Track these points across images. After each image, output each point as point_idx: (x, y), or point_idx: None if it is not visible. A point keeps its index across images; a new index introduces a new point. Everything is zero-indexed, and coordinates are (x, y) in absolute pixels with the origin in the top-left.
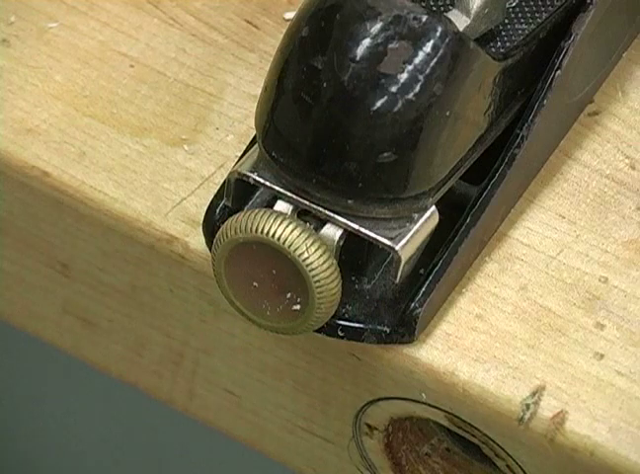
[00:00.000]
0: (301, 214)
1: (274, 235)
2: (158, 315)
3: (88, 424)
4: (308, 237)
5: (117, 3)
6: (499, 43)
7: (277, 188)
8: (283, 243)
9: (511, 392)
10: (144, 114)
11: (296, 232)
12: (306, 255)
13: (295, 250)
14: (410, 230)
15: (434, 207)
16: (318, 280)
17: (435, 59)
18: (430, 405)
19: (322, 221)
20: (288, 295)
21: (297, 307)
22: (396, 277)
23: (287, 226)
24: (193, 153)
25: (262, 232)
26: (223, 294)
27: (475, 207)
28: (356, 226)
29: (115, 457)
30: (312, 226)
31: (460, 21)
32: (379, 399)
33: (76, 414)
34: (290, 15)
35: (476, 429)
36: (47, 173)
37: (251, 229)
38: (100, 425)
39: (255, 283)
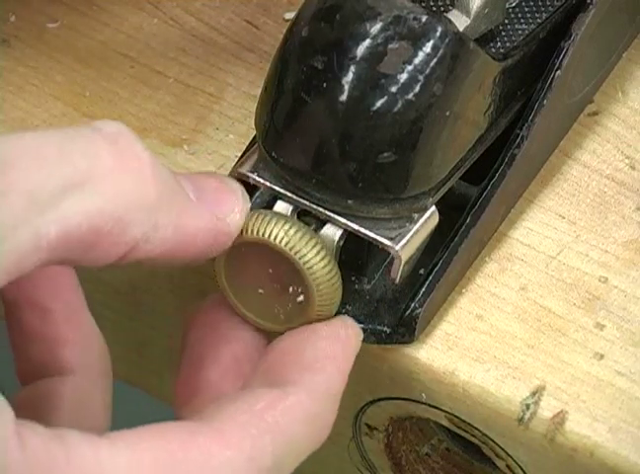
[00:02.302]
0: (301, 214)
1: (274, 237)
2: (158, 315)
3: None
4: (309, 239)
5: (117, 3)
6: (499, 43)
7: (277, 188)
8: (285, 245)
9: (511, 392)
10: (144, 114)
11: (298, 234)
12: (306, 257)
13: (296, 252)
14: (410, 230)
15: (434, 207)
16: (318, 283)
17: (434, 59)
18: (430, 405)
19: (322, 221)
20: (289, 297)
21: (298, 309)
22: (396, 278)
23: (289, 228)
24: (193, 153)
25: (262, 235)
26: (224, 294)
27: (475, 207)
28: (356, 226)
29: None
30: (312, 227)
31: (460, 21)
32: (379, 399)
33: None
34: (290, 15)
35: (476, 429)
36: None
37: (252, 232)
38: None
39: (260, 290)
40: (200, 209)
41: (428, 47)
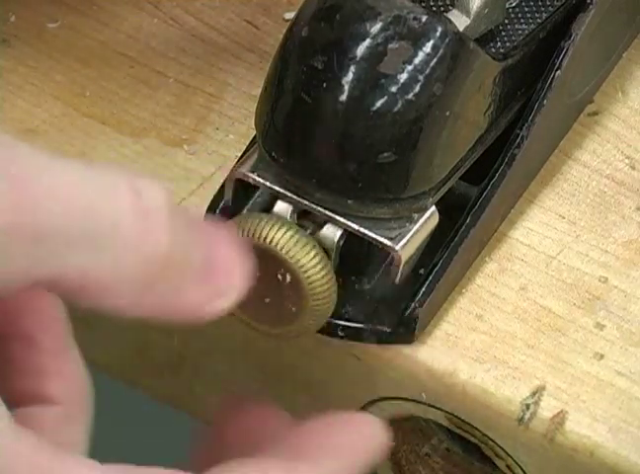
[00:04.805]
0: (301, 215)
1: (269, 241)
2: None
3: None
4: (305, 243)
5: (117, 3)
6: (499, 43)
7: (277, 188)
8: (280, 249)
9: (511, 392)
10: (144, 114)
11: (293, 238)
12: (301, 261)
13: (291, 256)
14: (410, 230)
15: (434, 207)
16: (313, 286)
17: (434, 59)
18: (430, 405)
19: (322, 221)
20: (284, 300)
21: (293, 312)
22: (396, 278)
23: (284, 232)
24: (193, 153)
25: (257, 238)
26: None
27: (475, 207)
28: (355, 226)
29: (114, 457)
30: (309, 230)
31: (460, 21)
32: (379, 399)
33: None
34: (290, 15)
35: (476, 429)
36: None
37: (247, 235)
38: (99, 425)
39: (256, 292)
40: (200, 288)
41: (428, 47)
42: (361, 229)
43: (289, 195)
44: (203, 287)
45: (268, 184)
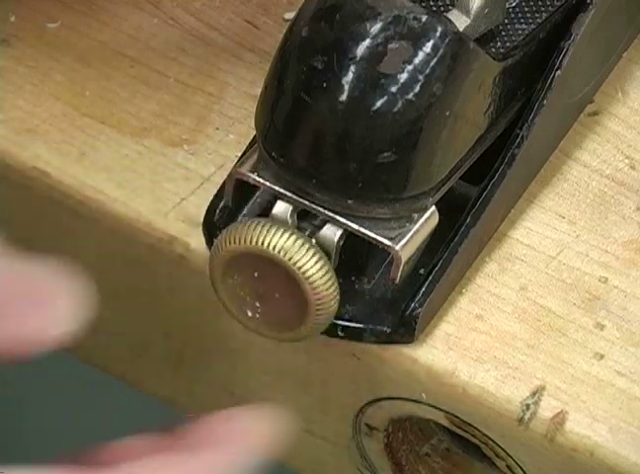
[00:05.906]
0: (301, 215)
1: (271, 247)
2: (158, 315)
3: (88, 424)
4: (307, 248)
5: (117, 3)
6: (499, 43)
7: (277, 188)
8: (282, 255)
9: (511, 392)
10: (144, 114)
11: (294, 243)
12: (304, 266)
13: (294, 262)
14: (410, 230)
15: (434, 207)
16: (316, 291)
17: (434, 59)
18: (430, 405)
19: (322, 222)
20: (288, 305)
21: (296, 316)
22: (396, 278)
23: (285, 238)
24: (193, 153)
25: (258, 244)
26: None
27: (475, 207)
28: (356, 226)
29: None
30: (307, 231)
31: (460, 21)
32: (379, 399)
33: (76, 414)
34: (290, 15)
35: (476, 429)
36: (47, 173)
37: (248, 241)
38: (100, 425)
39: (258, 298)
40: (37, 317)
41: (428, 47)
42: (361, 229)
43: (289, 195)
44: (37, 317)
45: (268, 184)
